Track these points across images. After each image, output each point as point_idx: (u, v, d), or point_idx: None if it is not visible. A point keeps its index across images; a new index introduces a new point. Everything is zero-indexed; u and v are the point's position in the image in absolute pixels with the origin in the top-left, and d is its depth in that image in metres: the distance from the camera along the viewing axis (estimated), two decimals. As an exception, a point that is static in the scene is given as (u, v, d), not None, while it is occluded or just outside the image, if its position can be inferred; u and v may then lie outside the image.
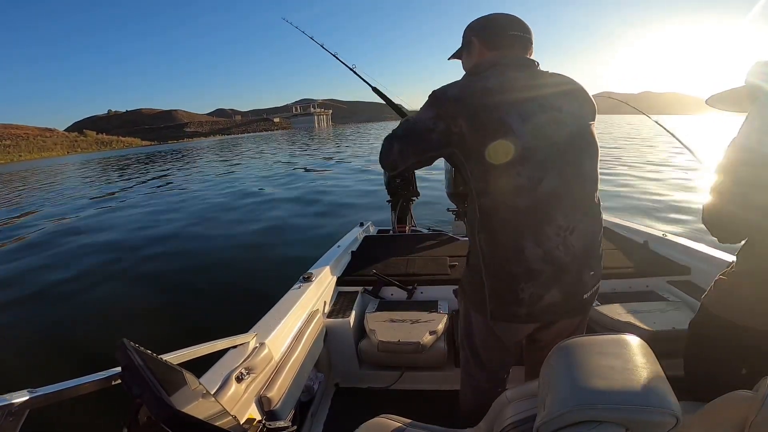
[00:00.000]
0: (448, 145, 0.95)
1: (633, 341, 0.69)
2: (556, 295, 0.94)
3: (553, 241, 0.92)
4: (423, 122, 0.97)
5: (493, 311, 0.98)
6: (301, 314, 1.67)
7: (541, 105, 0.93)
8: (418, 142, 0.99)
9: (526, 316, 0.96)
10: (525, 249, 0.91)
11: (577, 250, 0.94)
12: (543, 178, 0.90)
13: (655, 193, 8.00)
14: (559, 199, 0.92)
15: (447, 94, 0.95)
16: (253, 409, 1.20)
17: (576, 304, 0.98)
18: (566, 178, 0.92)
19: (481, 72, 0.98)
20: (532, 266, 0.92)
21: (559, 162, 0.92)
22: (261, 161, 22.80)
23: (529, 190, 0.90)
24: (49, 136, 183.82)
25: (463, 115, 0.91)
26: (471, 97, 0.93)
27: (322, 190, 10.43)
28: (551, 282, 0.93)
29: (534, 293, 0.93)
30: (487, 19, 1.05)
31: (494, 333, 1.04)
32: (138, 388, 0.62)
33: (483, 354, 1.11)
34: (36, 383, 0.67)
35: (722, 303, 1.00)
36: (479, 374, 1.15)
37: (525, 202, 0.91)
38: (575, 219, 0.93)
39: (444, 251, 2.39)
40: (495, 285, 0.96)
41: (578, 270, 0.95)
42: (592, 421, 0.58)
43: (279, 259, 5.14)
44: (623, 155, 15.36)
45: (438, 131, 0.94)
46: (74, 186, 19.43)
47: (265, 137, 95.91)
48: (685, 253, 1.96)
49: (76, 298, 4.47)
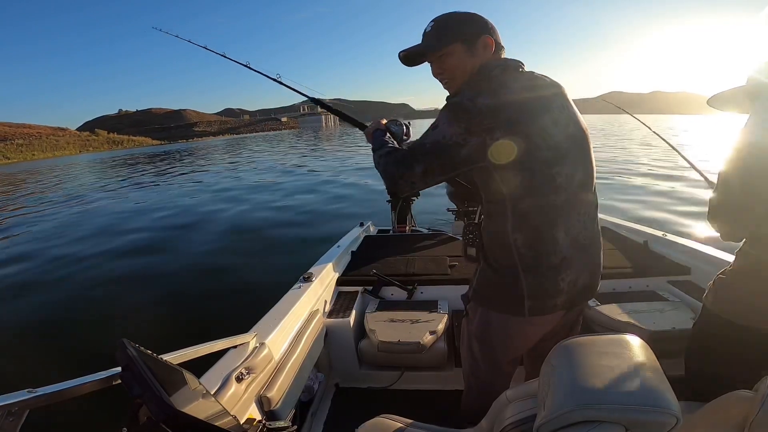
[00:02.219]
0: (481, 160, 0.91)
1: (633, 341, 0.69)
2: (586, 277, 1.00)
3: (577, 228, 0.96)
4: (449, 138, 0.90)
5: (531, 307, 0.98)
6: (301, 314, 1.67)
7: (557, 105, 0.96)
8: (448, 160, 0.92)
9: (563, 304, 0.99)
10: (558, 240, 0.94)
11: (591, 232, 1.00)
12: (575, 174, 0.95)
13: (656, 193, 8.00)
14: (583, 189, 0.97)
15: (477, 105, 0.88)
16: (253, 409, 1.20)
17: (596, 282, 1.05)
18: (587, 170, 0.99)
19: (495, 76, 0.95)
20: (565, 254, 0.95)
21: (581, 157, 0.98)
22: (273, 160, 22.73)
23: (566, 187, 0.94)
24: (62, 135, 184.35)
25: (502, 126, 0.87)
26: (507, 106, 0.89)
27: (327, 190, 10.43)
28: (581, 266, 0.98)
29: (571, 280, 0.97)
30: (485, 19, 1.02)
31: (521, 330, 1.05)
32: (138, 388, 0.62)
33: (501, 356, 1.11)
34: (36, 383, 0.67)
35: (721, 302, 1.01)
36: (490, 375, 1.15)
37: (563, 197, 0.94)
38: (588, 204, 1.00)
39: (444, 251, 2.39)
40: (537, 281, 0.96)
41: (595, 251, 1.02)
42: (592, 421, 0.58)
43: (279, 258, 5.15)
44: (623, 155, 15.37)
45: (470, 146, 0.89)
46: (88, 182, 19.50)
47: (274, 136, 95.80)
48: (685, 253, 1.96)
49: (77, 298, 4.47)
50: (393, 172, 0.97)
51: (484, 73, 0.97)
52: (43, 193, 17.21)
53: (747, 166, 0.87)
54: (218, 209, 8.99)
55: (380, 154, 1.03)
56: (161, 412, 0.59)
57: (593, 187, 1.02)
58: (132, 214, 9.50)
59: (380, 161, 1.02)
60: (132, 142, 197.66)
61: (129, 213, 9.77)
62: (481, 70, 0.98)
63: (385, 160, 1.00)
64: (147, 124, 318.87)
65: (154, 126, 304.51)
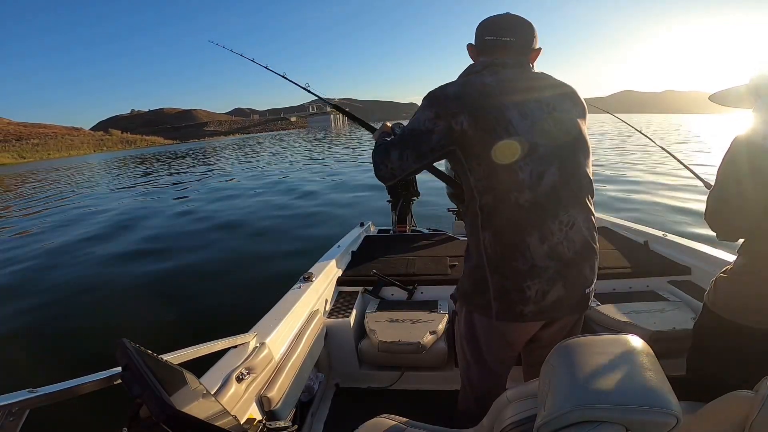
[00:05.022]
0: (449, 144, 0.95)
1: (633, 341, 0.69)
2: (560, 291, 0.95)
3: (557, 237, 0.93)
4: (422, 124, 0.96)
5: (498, 311, 0.97)
6: (302, 314, 1.67)
7: (538, 103, 0.95)
8: (419, 145, 0.97)
9: (532, 314, 0.96)
10: (530, 245, 0.92)
11: (578, 244, 0.95)
12: (544, 174, 0.92)
13: (655, 193, 8.00)
14: (559, 194, 0.93)
15: (446, 92, 0.96)
16: (253, 409, 1.20)
17: (579, 299, 1.00)
18: (565, 173, 0.94)
19: (475, 71, 1.00)
20: (537, 263, 0.92)
21: (557, 158, 0.94)
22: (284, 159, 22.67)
23: (530, 185, 0.91)
24: (76, 134, 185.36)
25: (465, 112, 0.92)
26: (471, 94, 0.94)
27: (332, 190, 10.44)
28: (556, 278, 0.94)
29: (540, 290, 0.94)
30: (483, 24, 1.05)
31: (500, 334, 1.04)
32: (138, 388, 0.62)
33: (487, 356, 1.10)
34: (36, 383, 0.67)
35: (722, 302, 1.00)
36: (481, 376, 1.15)
37: (527, 197, 0.92)
38: (574, 214, 0.95)
39: (444, 251, 2.38)
40: (501, 284, 0.96)
41: (580, 265, 0.97)
42: (592, 421, 0.58)
43: (280, 259, 5.14)
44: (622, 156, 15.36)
45: (438, 131, 0.94)
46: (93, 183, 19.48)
47: (285, 135, 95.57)
48: (685, 253, 1.96)
49: (77, 298, 4.47)
50: (376, 160, 1.04)
51: (467, 70, 1.03)
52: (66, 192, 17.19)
53: (744, 167, 0.87)
54: (218, 210, 8.99)
55: (374, 148, 1.09)
56: (161, 412, 0.59)
57: (583, 196, 0.98)
58: (134, 214, 9.50)
59: (372, 154, 1.08)
60: (145, 142, 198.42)
61: (130, 213, 9.77)
62: (467, 68, 1.04)
63: (374, 152, 1.07)
64: (159, 123, 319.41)
65: (166, 126, 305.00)
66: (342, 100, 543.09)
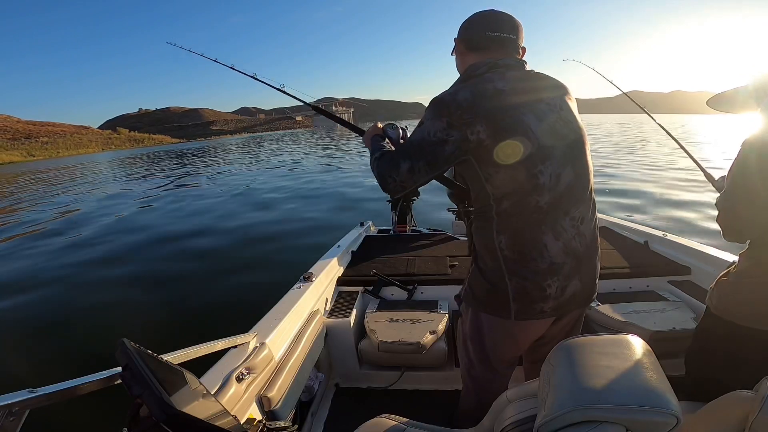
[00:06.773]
0: (464, 154, 0.92)
1: (633, 341, 0.69)
2: (577, 285, 0.98)
3: (569, 233, 0.95)
4: (433, 134, 0.92)
5: (518, 311, 0.97)
6: (302, 314, 1.67)
7: (548, 104, 0.95)
8: (431, 157, 0.93)
9: (551, 310, 0.98)
10: (547, 244, 0.93)
11: (588, 238, 0.98)
12: (561, 175, 0.93)
13: (655, 192, 8.00)
14: (573, 192, 0.95)
15: (457, 99, 0.91)
16: (253, 409, 1.20)
17: (591, 290, 1.03)
18: (577, 172, 0.96)
19: (480, 74, 0.97)
20: (555, 260, 0.94)
21: (570, 158, 0.95)
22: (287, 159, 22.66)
23: (550, 187, 0.92)
24: (85, 133, 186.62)
25: (481, 120, 0.89)
26: (486, 101, 0.90)
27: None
28: (573, 273, 0.96)
29: (559, 286, 0.95)
30: (468, 20, 1.04)
31: (511, 334, 1.04)
32: (138, 388, 0.62)
33: (493, 356, 1.10)
34: (36, 383, 0.67)
35: (724, 304, 1.00)
36: (486, 376, 1.15)
37: (547, 199, 0.92)
38: (583, 210, 0.97)
39: (444, 251, 2.38)
40: (521, 285, 0.96)
41: (591, 257, 1.00)
42: (592, 421, 0.58)
43: (280, 258, 5.14)
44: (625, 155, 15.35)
45: (452, 141, 0.91)
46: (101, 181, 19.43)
47: (290, 134, 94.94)
48: (685, 253, 1.96)
49: (77, 298, 4.47)
50: (382, 173, 0.99)
51: (470, 71, 1.00)
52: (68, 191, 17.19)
53: (754, 170, 0.86)
54: (219, 209, 8.99)
55: (375, 158, 1.04)
56: (161, 412, 0.59)
57: (589, 192, 0.99)
58: (135, 215, 9.50)
59: (374, 164, 1.04)
60: (152, 141, 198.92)
61: (131, 214, 9.77)
62: (468, 69, 1.01)
63: (378, 163, 1.02)
64: (166, 122, 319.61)
65: (173, 124, 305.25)
66: (347, 99, 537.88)
